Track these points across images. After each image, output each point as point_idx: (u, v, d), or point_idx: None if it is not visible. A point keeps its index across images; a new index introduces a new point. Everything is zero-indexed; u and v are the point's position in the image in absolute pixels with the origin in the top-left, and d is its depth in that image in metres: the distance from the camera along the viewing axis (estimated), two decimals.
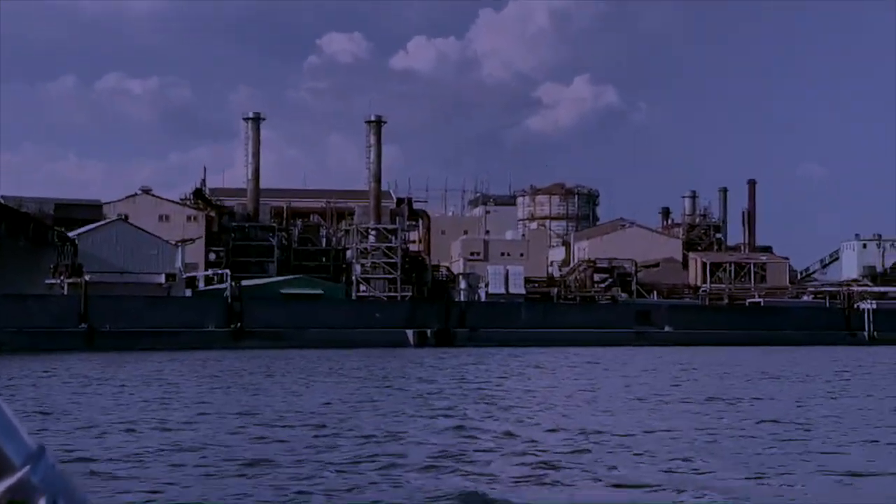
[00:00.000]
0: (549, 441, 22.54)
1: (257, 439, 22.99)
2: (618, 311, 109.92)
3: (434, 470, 18.30)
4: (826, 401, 34.57)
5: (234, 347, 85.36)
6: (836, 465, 19.20)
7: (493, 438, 23.21)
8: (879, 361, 68.89)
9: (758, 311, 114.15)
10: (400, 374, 51.61)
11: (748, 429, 25.26)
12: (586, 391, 38.74)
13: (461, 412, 29.79)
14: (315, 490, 16.04)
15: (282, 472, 17.89)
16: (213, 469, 18.40)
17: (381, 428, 25.44)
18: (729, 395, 37.29)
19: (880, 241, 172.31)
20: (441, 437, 23.39)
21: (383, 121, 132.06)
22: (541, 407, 31.17)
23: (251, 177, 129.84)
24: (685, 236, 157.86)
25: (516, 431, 24.53)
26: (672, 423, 26.37)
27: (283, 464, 18.83)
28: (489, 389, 40.17)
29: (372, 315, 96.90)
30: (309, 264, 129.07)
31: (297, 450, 21.05)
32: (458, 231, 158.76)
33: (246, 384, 43.14)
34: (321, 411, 30.37)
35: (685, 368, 57.97)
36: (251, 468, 18.35)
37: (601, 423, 25.96)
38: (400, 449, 21.37)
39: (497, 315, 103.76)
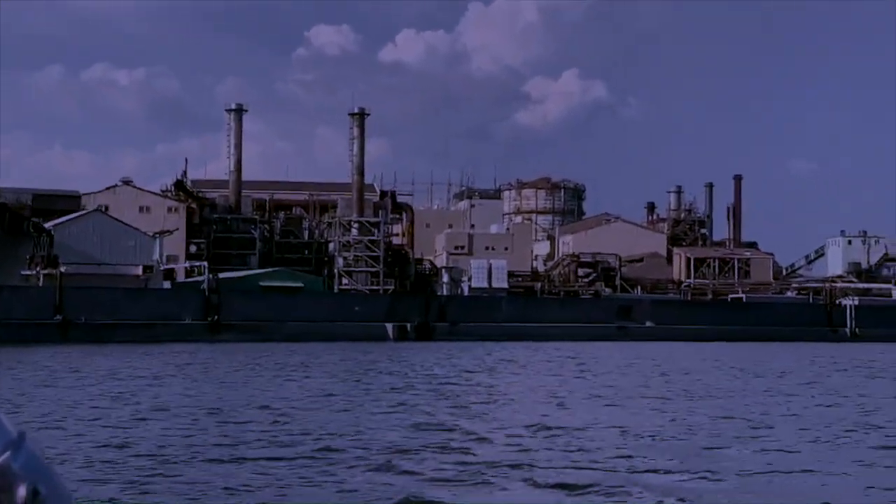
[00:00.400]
0: (497, 437, 22.06)
1: (191, 434, 22.43)
2: (599, 305, 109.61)
3: (369, 466, 17.80)
4: (789, 398, 34.13)
5: (211, 340, 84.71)
6: (782, 464, 18.75)
7: (440, 434, 22.71)
8: (856, 358, 68.53)
9: (739, 307, 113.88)
10: (369, 368, 51.07)
11: (698, 427, 24.79)
12: (552, 387, 38.24)
13: (419, 407, 29.30)
14: (231, 486, 15.51)
15: (196, 468, 17.34)
16: (118, 466, 17.79)
17: (328, 422, 24.95)
18: (695, 391, 36.89)
19: (865, 238, 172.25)
20: (386, 433, 22.90)
21: (367, 113, 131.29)
22: (500, 403, 30.67)
23: (233, 168, 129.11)
24: (670, 231, 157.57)
25: (469, 427, 24.04)
26: (626, 420, 25.92)
27: (203, 459, 18.30)
28: (455, 384, 39.69)
29: (352, 308, 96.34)
30: (291, 257, 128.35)
31: (230, 444, 20.55)
32: (442, 224, 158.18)
33: (209, 378, 42.59)
34: (276, 405, 29.85)
35: (658, 364, 57.54)
36: (166, 465, 17.79)
37: (555, 420, 25.47)
38: (341, 444, 20.88)
39: (478, 309, 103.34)
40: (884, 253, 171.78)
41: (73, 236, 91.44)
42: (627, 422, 25.50)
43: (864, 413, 28.59)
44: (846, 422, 25.92)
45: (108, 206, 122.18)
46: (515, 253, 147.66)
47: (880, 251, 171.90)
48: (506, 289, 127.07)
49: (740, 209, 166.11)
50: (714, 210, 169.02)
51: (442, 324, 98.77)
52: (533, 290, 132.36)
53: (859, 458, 19.71)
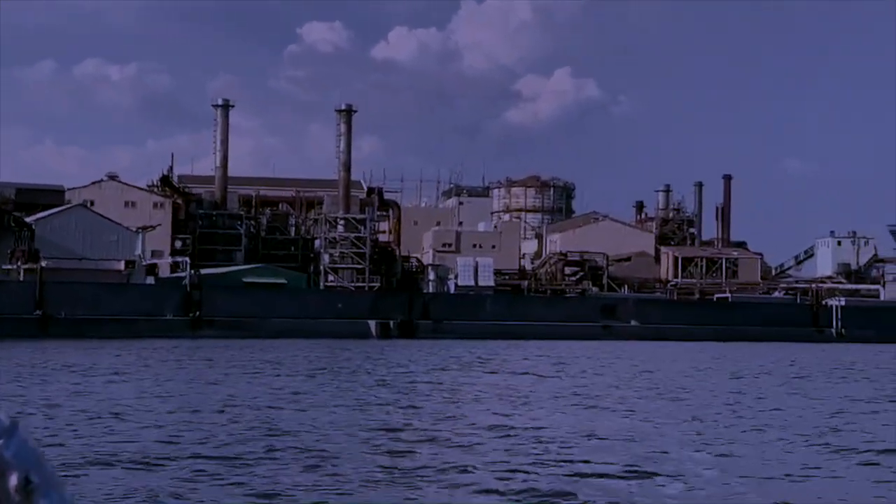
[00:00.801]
0: (444, 438, 21.66)
1: (132, 433, 22.01)
2: (584, 304, 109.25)
3: (300, 467, 17.41)
4: (760, 400, 33.78)
5: (192, 336, 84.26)
6: (727, 468, 18.39)
7: (388, 434, 22.32)
8: (840, 359, 68.24)
9: (725, 307, 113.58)
10: (342, 366, 50.68)
11: (654, 429, 24.42)
12: (522, 387, 37.84)
13: (380, 407, 28.91)
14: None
15: (112, 470, 16.92)
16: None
17: (281, 421, 24.55)
18: (667, 392, 36.53)
19: (855, 239, 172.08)
20: (334, 433, 22.51)
21: (354, 110, 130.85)
22: (462, 403, 30.25)
23: (219, 164, 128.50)
24: (658, 231, 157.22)
25: (421, 427, 23.66)
26: (585, 421, 25.54)
27: (127, 459, 17.88)
28: (424, 382, 39.33)
29: (335, 306, 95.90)
30: (277, 253, 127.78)
31: (168, 443, 20.14)
32: (431, 222, 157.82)
33: (175, 374, 42.18)
34: (234, 403, 29.46)
35: (636, 364, 57.15)
36: (92, 465, 17.38)
37: (512, 421, 25.08)
38: (283, 443, 20.51)
39: (461, 307, 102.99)
40: (873, 254, 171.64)
41: (55, 231, 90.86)
42: (585, 423, 25.13)
43: (823, 417, 28.25)
44: (801, 425, 25.53)
45: (93, 201, 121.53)
46: (503, 251, 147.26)
47: (870, 252, 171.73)
48: (492, 287, 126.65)
49: (729, 209, 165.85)
50: (704, 209, 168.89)
51: (426, 322, 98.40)
52: (520, 289, 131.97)
53: (807, 461, 19.33)
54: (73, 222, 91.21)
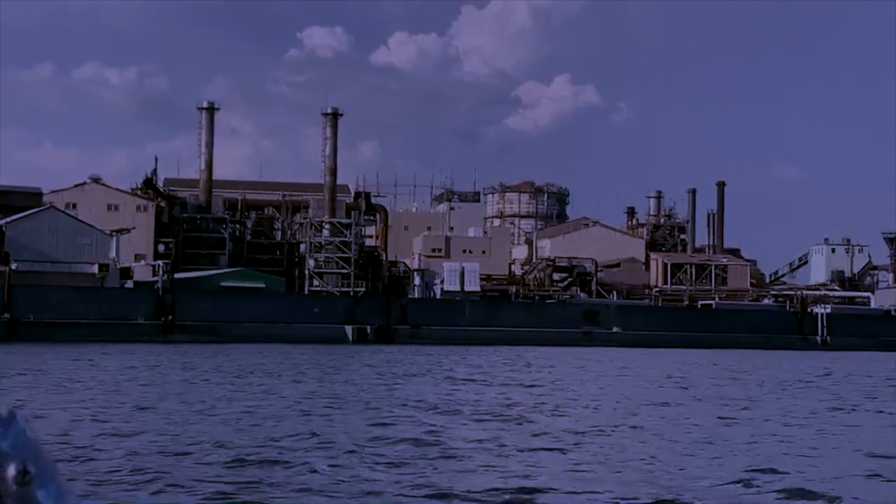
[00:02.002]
0: (342, 448, 20.70)
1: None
2: (565, 311, 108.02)
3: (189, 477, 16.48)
4: (719, 408, 32.71)
5: (163, 341, 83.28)
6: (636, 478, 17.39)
7: (291, 444, 21.38)
8: (821, 366, 67.06)
9: (709, 314, 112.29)
10: (299, 372, 49.63)
11: (594, 440, 23.38)
12: (470, 396, 36.67)
13: (308, 417, 27.85)
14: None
15: None
16: None
17: (204, 430, 23.61)
18: (625, 401, 35.46)
19: (849, 246, 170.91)
20: (242, 441, 21.66)
21: (340, 114, 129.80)
22: (395, 414, 29.12)
23: (204, 167, 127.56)
24: (649, 237, 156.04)
25: (330, 439, 22.64)
26: (497, 432, 24.48)
27: None
28: (374, 390, 38.27)
29: (310, 310, 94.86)
30: (262, 257, 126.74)
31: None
32: (421, 227, 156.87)
33: (119, 381, 41.18)
34: (170, 410, 28.56)
35: (603, 374, 55.89)
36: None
37: (444, 433, 24.05)
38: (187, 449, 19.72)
39: (440, 313, 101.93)
40: (867, 261, 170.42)
41: (27, 233, 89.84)
42: (497, 434, 24.11)
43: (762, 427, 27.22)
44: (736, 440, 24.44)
45: (76, 203, 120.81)
46: (493, 256, 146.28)
47: (864, 259, 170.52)
48: (478, 292, 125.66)
49: (723, 215, 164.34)
50: (698, 216, 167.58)
51: (403, 327, 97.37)
52: (507, 294, 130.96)
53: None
54: (45, 225, 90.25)
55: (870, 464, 20.20)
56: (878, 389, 45.81)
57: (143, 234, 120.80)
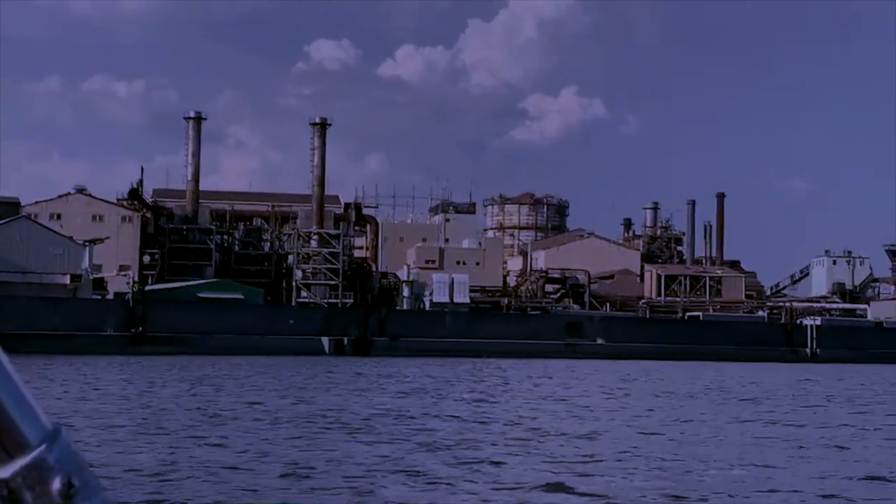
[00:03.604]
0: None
1: None
2: (548, 322, 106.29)
3: None
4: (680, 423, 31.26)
5: (132, 353, 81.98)
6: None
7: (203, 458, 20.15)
8: (804, 379, 65.29)
9: (696, 326, 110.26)
10: (252, 386, 48.12)
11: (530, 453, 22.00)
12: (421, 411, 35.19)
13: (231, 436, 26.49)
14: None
15: None
16: None
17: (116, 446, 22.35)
18: (582, 412, 34.06)
19: (850, 258, 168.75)
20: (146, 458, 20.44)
21: (328, 124, 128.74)
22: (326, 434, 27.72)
23: (191, 178, 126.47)
24: (645, 248, 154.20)
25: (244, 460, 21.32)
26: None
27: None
28: (318, 405, 36.83)
29: (286, 321, 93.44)
30: (250, 269, 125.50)
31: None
32: (417, 238, 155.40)
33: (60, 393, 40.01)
34: (86, 427, 27.35)
35: (568, 387, 54.08)
36: None
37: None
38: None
39: (420, 324, 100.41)
40: (869, 274, 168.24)
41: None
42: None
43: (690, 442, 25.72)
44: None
45: (60, 214, 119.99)
46: (487, 268, 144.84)
47: (865, 272, 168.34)
48: (468, 303, 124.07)
49: (723, 227, 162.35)
50: (699, 228, 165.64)
51: (381, 339, 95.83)
52: (499, 306, 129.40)
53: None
54: (17, 235, 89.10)
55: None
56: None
57: (128, 244, 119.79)
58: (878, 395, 51.25)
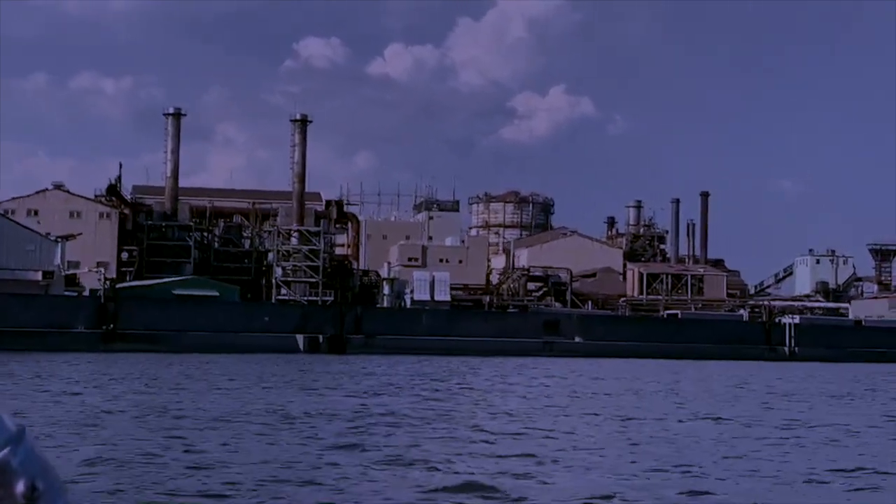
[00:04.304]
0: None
1: None
2: (526, 320, 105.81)
3: None
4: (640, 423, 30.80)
5: (104, 350, 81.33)
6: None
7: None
8: (777, 378, 64.85)
9: (674, 324, 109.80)
10: (212, 387, 47.50)
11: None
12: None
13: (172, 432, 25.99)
14: None
15: None
16: None
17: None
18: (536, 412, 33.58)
19: (834, 257, 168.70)
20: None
21: (309, 120, 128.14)
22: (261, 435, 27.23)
23: (170, 174, 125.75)
24: (628, 247, 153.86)
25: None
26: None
27: None
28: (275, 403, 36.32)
29: (261, 319, 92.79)
30: (230, 266, 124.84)
31: None
32: (401, 236, 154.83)
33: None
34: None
35: (546, 384, 53.49)
36: None
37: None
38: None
39: (396, 322, 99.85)
40: (852, 273, 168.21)
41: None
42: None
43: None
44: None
45: (37, 210, 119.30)
46: (470, 266, 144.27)
47: (849, 271, 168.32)
48: (448, 301, 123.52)
49: (706, 226, 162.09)
50: (683, 226, 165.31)
51: (357, 336, 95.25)
52: (481, 304, 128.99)
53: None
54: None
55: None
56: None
57: (106, 241, 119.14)
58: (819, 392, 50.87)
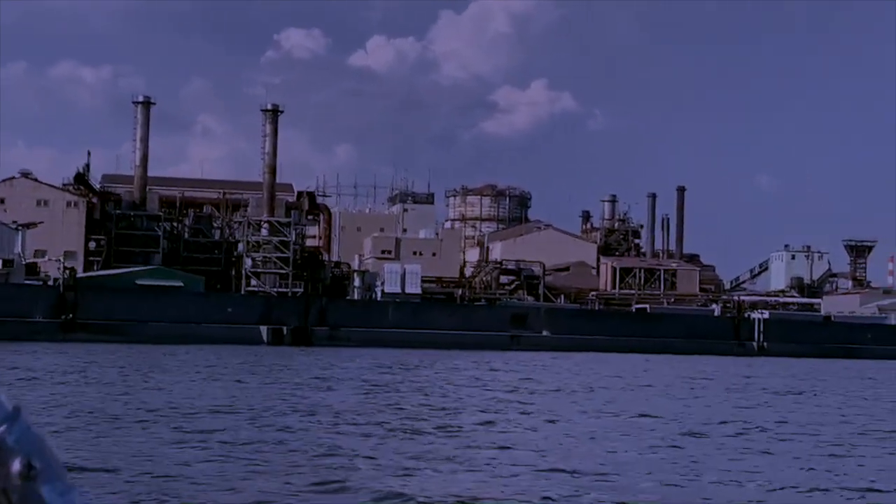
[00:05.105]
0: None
1: None
2: (492, 313, 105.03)
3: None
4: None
5: (62, 340, 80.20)
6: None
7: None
8: (737, 374, 64.35)
9: (643, 318, 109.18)
10: (145, 379, 46.61)
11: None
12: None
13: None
14: None
15: None
16: None
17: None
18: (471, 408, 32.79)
19: (809, 253, 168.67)
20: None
21: (280, 110, 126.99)
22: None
23: (139, 163, 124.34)
24: (602, 241, 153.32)
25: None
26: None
27: None
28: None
29: (224, 310, 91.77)
30: (199, 256, 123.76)
31: None
32: (375, 228, 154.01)
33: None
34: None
35: (493, 378, 52.66)
36: None
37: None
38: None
39: (362, 314, 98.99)
40: (827, 269, 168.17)
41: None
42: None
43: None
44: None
45: (3, 199, 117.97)
46: (444, 258, 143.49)
47: (824, 266, 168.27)
48: (419, 294, 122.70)
49: (682, 220, 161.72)
50: (659, 221, 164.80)
51: (322, 328, 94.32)
52: (453, 297, 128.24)
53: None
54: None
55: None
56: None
57: (73, 230, 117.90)
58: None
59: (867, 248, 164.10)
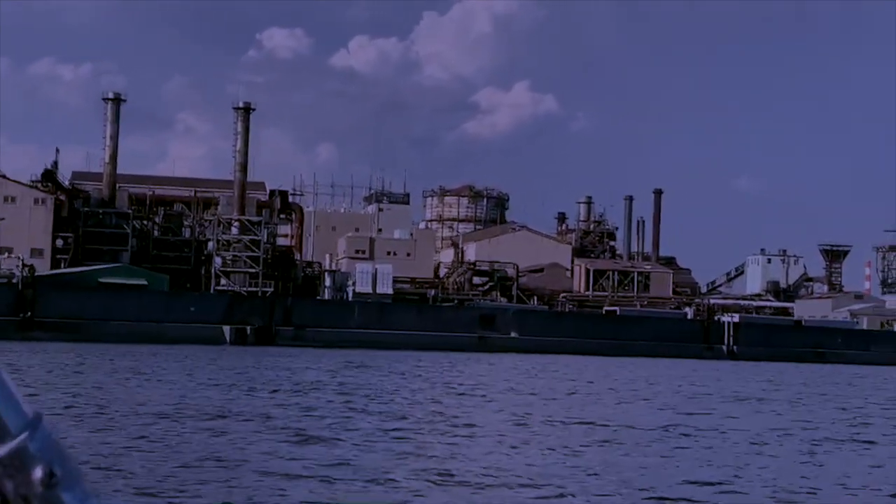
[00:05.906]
0: None
1: None
2: (460, 314, 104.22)
3: None
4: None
5: (20, 339, 79.07)
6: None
7: None
8: (699, 379, 63.62)
9: (611, 321, 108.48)
10: (85, 380, 45.64)
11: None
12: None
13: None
14: None
15: None
16: None
17: None
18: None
19: (785, 257, 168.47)
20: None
21: (252, 108, 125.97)
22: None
23: (108, 160, 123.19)
24: (578, 243, 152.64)
25: None
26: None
27: None
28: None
29: (186, 309, 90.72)
30: (169, 255, 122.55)
31: None
32: (350, 228, 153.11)
33: None
34: None
35: (439, 381, 51.95)
36: None
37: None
38: None
39: (327, 314, 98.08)
40: (803, 273, 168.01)
41: None
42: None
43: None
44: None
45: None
46: (418, 259, 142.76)
47: (800, 270, 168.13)
48: (391, 294, 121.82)
49: (659, 223, 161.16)
50: (636, 224, 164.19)
51: (287, 328, 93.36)
52: (426, 298, 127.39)
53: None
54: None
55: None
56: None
57: (40, 227, 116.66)
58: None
59: (843, 253, 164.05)
